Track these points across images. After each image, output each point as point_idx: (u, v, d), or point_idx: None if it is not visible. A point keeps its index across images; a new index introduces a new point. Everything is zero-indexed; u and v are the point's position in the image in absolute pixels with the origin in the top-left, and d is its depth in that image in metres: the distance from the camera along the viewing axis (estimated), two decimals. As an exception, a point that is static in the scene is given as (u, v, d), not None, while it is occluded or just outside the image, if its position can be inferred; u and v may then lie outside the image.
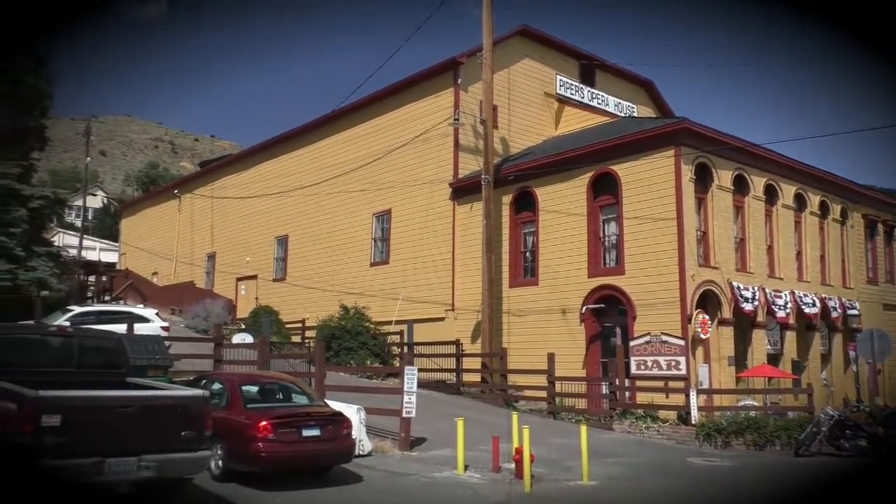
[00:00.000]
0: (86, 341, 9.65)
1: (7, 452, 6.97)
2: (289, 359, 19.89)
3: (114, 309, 23.32)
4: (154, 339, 15.61)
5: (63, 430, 6.90)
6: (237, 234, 36.22)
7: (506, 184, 23.75)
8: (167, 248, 42.18)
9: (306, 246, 31.51)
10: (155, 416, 7.71)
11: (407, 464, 12.31)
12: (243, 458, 9.79)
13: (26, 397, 6.81)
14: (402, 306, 25.63)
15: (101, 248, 58.21)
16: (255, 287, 34.07)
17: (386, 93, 28.22)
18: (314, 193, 30.91)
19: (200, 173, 43.55)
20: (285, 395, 11.47)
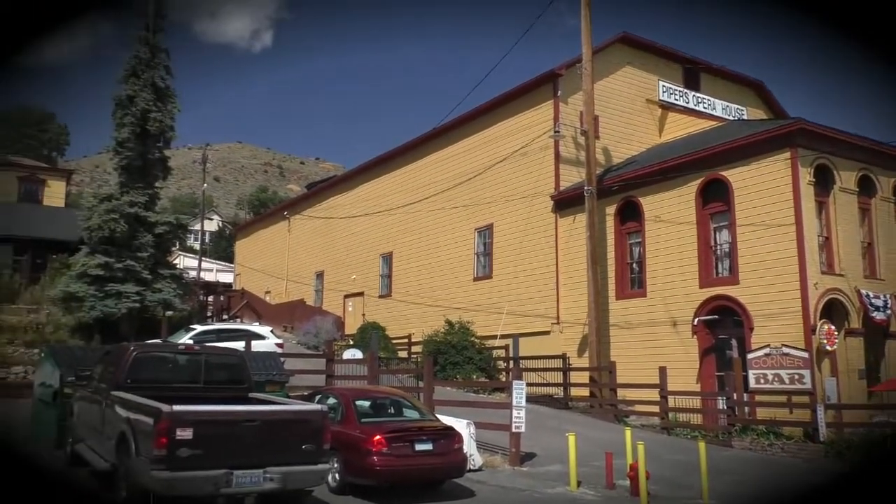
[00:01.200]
0: (212, 358, 10.20)
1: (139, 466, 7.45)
2: (397, 374, 20.23)
3: (232, 327, 24.43)
4: (270, 355, 16.24)
5: (195, 442, 7.30)
6: (344, 253, 37.30)
7: (609, 194, 23.31)
8: (278, 267, 43.98)
9: (410, 262, 32.05)
10: (278, 430, 8.02)
11: (518, 479, 12.20)
12: (359, 471, 10.00)
13: (162, 412, 7.25)
14: (507, 320, 25.56)
15: (217, 269, 61.49)
16: (361, 303, 34.92)
17: (484, 109, 28.41)
18: (417, 211, 31.43)
19: (308, 195, 45.21)
20: (397, 409, 11.64)
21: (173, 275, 26.89)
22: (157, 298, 25.26)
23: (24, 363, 21.68)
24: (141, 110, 25.60)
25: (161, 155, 27.07)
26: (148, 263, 25.53)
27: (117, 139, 25.97)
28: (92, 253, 24.78)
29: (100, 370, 10.28)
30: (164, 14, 27.26)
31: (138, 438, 7.60)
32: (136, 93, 25.79)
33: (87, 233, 25.15)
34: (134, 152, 25.92)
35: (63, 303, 25.03)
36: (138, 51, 26.39)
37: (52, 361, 12.95)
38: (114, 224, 24.57)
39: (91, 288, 24.19)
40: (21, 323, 24.58)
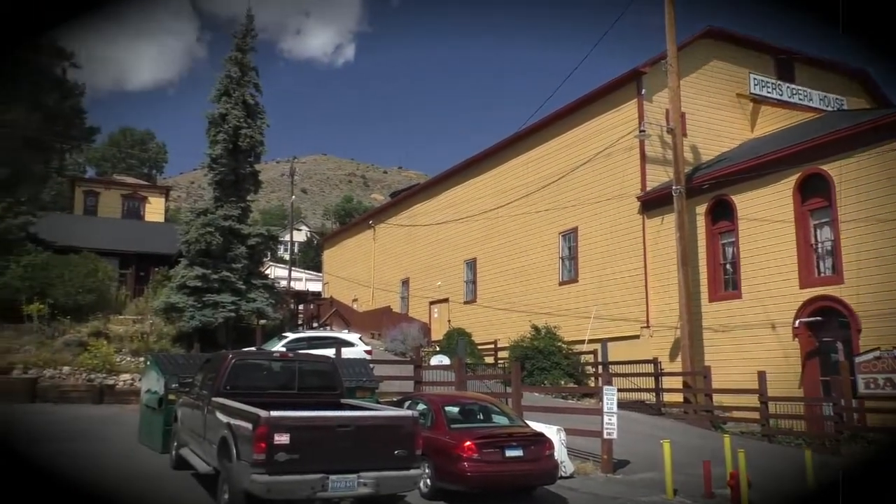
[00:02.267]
0: (305, 365, 10.47)
1: (240, 470, 7.70)
2: (484, 379, 20.20)
3: (322, 335, 25.05)
4: (360, 362, 16.55)
5: (292, 447, 7.49)
6: (428, 260, 37.63)
7: (699, 193, 22.56)
8: (364, 275, 44.81)
9: (494, 268, 31.98)
10: (371, 435, 8.13)
11: (611, 486, 11.93)
12: (449, 476, 10.01)
13: (260, 417, 7.47)
14: (594, 325, 25.11)
15: (306, 278, 63.27)
16: (447, 310, 35.11)
17: (566, 111, 28.09)
18: (500, 216, 31.38)
19: (391, 203, 45.92)
20: (486, 415, 11.60)
21: (266, 284, 27.82)
22: (251, 308, 26.19)
23: (131, 371, 22.88)
24: (233, 127, 26.68)
25: (252, 169, 28.11)
26: (242, 274, 26.52)
27: (211, 155, 27.15)
28: (190, 265, 25.96)
29: (201, 377, 10.72)
30: (254, 34, 28.33)
31: (239, 443, 7.87)
32: (228, 110, 26.89)
33: (185, 246, 26.39)
34: (227, 168, 27.02)
35: (165, 313, 26.33)
36: (229, 70, 27.52)
37: (156, 369, 13.62)
38: (210, 237, 25.67)
39: (190, 299, 25.34)
40: (127, 332, 25.99)
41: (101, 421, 17.42)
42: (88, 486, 9.94)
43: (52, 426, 16.04)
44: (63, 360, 22.59)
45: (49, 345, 23.52)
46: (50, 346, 23.35)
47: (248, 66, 27.87)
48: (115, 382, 22.37)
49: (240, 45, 27.86)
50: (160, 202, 49.92)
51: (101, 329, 25.47)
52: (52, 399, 20.96)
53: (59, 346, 23.41)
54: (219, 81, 27.56)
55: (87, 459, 11.82)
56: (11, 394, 20.46)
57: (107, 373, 22.45)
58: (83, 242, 30.26)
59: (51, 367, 22.25)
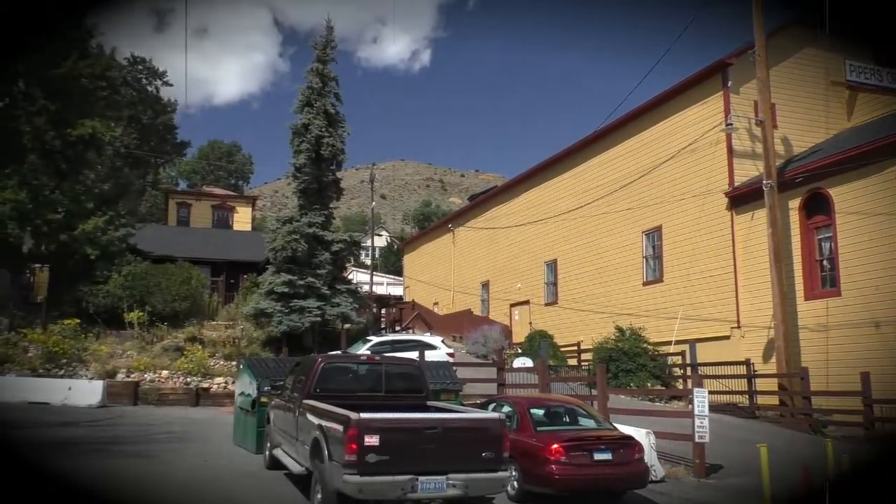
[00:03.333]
0: (391, 368, 10.62)
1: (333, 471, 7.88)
2: (568, 382, 19.96)
3: (405, 338, 25.32)
4: (444, 364, 16.64)
5: (382, 448, 7.60)
6: (508, 262, 37.51)
7: (792, 187, 21.58)
8: (444, 278, 45.08)
9: (575, 269, 31.57)
10: (458, 437, 8.15)
11: (705, 492, 11.55)
12: (537, 479, 9.93)
13: (351, 419, 7.62)
14: (681, 325, 24.40)
15: (388, 282, 64.21)
16: (528, 312, 34.89)
17: (647, 107, 27.45)
18: (580, 216, 30.95)
19: (470, 207, 46.03)
20: (572, 417, 11.45)
21: (349, 289, 28.43)
22: (335, 312, 26.80)
23: (224, 374, 23.83)
24: (315, 136, 27.41)
25: (334, 177, 28.81)
26: (326, 280, 27.19)
27: (295, 165, 27.98)
28: (277, 272, 26.81)
29: (291, 380, 11.03)
30: (333, 45, 29.03)
31: (330, 444, 8.05)
32: (311, 120, 27.64)
33: (272, 253, 27.29)
34: (310, 176, 27.78)
35: (254, 318, 27.29)
36: (311, 81, 28.30)
37: (249, 373, 14.11)
38: (295, 244, 26.45)
39: (278, 304, 26.16)
40: (220, 338, 27.08)
41: (198, 423, 18.20)
42: (198, 483, 10.41)
43: (153, 427, 16.88)
44: (162, 365, 23.77)
45: (149, 350, 24.78)
46: (149, 352, 24.60)
47: (328, 76, 28.58)
48: (209, 385, 23.37)
49: (320, 56, 28.59)
50: (247, 212, 51.77)
51: (196, 334, 26.64)
52: (152, 401, 22.08)
53: (157, 352, 24.63)
54: (301, 93, 28.38)
55: (190, 459, 12.38)
56: (117, 396, 21.69)
57: (202, 376, 23.49)
58: (178, 252, 31.72)
59: (150, 371, 23.44)
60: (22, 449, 12.63)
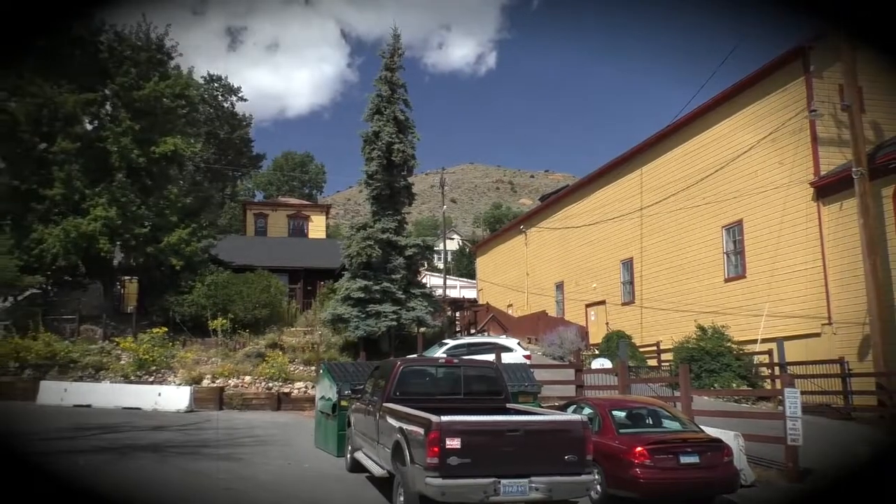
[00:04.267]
0: (469, 371, 10.60)
1: (415, 474, 7.88)
2: (649, 383, 19.47)
3: (481, 340, 25.27)
4: (521, 367, 16.52)
5: (463, 451, 7.57)
6: (582, 262, 36.98)
7: (885, 174, 20.39)
8: (518, 280, 44.82)
9: (652, 267, 30.82)
10: (540, 439, 8.04)
11: (797, 497, 11.02)
12: (621, 483, 9.70)
13: (432, 422, 7.62)
14: (766, 323, 23.44)
15: (461, 286, 64.35)
16: (604, 312, 34.28)
17: (722, 98, 26.51)
18: (655, 213, 30.20)
19: (541, 207, 45.64)
20: (655, 419, 11.15)
21: (424, 293, 28.63)
22: (411, 316, 27.03)
23: (304, 379, 24.38)
24: (385, 143, 27.75)
25: (406, 182, 29.09)
26: (401, 284, 27.46)
27: (367, 172, 28.39)
28: (353, 278, 27.25)
29: (371, 384, 11.15)
30: (400, 52, 29.33)
31: (412, 447, 8.07)
32: (381, 128, 28.00)
33: (347, 260, 27.76)
34: (382, 183, 28.14)
35: (332, 324, 27.81)
36: (380, 89, 28.68)
37: (329, 377, 14.36)
38: (370, 250, 26.83)
39: (354, 310, 26.57)
40: (299, 343, 27.73)
41: (280, 426, 18.66)
42: (284, 486, 10.66)
43: (238, 431, 17.40)
44: (244, 370, 24.51)
45: (232, 356, 25.62)
46: (233, 358, 25.43)
47: (396, 83, 28.88)
48: (290, 390, 23.95)
49: (388, 64, 28.93)
50: (322, 220, 52.90)
51: (277, 341, 27.37)
52: (236, 406, 22.81)
53: (240, 358, 25.43)
54: (370, 101, 28.79)
55: (274, 462, 12.70)
56: (204, 401, 22.50)
57: (283, 381, 24.10)
58: (257, 261, 32.67)
59: (234, 376, 24.22)
60: (121, 451, 13.22)
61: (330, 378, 14.23)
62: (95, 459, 12.30)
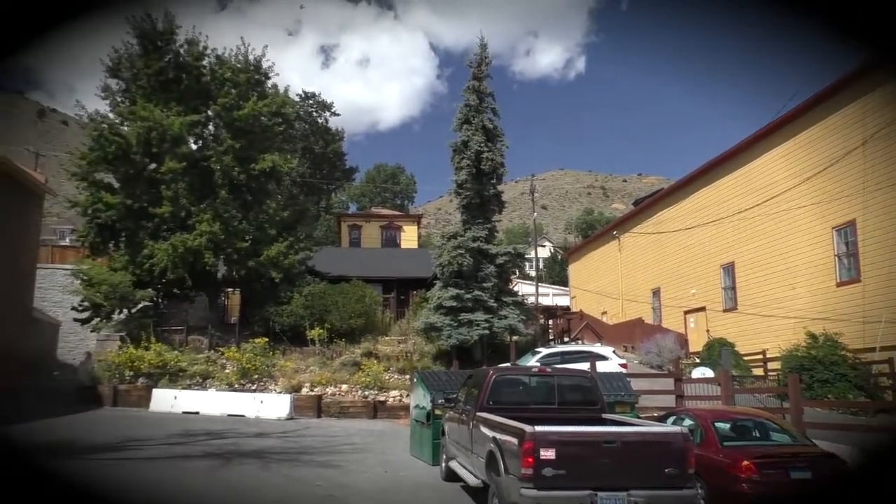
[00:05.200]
0: (563, 380, 10.41)
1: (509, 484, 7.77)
2: (755, 393, 18.54)
3: (575, 349, 24.85)
4: (617, 375, 16.08)
5: (558, 462, 7.42)
6: (679, 267, 35.77)
7: None
8: (612, 287, 43.83)
9: (755, 271, 29.42)
10: (638, 451, 7.79)
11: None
12: (725, 498, 9.26)
13: (526, 432, 7.51)
14: (885, 329, 21.88)
15: (553, 293, 63.53)
16: (704, 319, 33.00)
17: (828, 92, 25.05)
18: (757, 215, 28.83)
19: (635, 212, 44.51)
20: (762, 432, 10.60)
21: (515, 301, 28.49)
22: (503, 325, 26.93)
23: (399, 387, 24.70)
24: (474, 152, 27.86)
25: (495, 191, 29.11)
26: (492, 292, 27.42)
27: (457, 181, 28.58)
28: (445, 286, 27.44)
29: (464, 393, 11.14)
30: (488, 61, 29.42)
31: (506, 457, 7.99)
32: (470, 137, 28.15)
33: (439, 269, 28.00)
34: (472, 191, 28.25)
35: (425, 333, 28.07)
36: (468, 99, 28.85)
37: (423, 386, 14.45)
38: (461, 259, 26.95)
39: (447, 318, 26.73)
40: (393, 352, 28.14)
41: (376, 434, 18.96)
42: (384, 493, 10.81)
43: (336, 438, 17.79)
44: (341, 379, 25.10)
45: (329, 365, 26.27)
46: (330, 367, 26.08)
47: (484, 92, 28.99)
48: (386, 399, 24.31)
49: (475, 74, 29.08)
50: (413, 230, 53.59)
51: (372, 350, 27.88)
52: (334, 414, 23.36)
53: (337, 366, 26.04)
54: (459, 111, 29.00)
55: (371, 469, 12.89)
56: (303, 409, 23.16)
57: (378, 389, 24.51)
58: (351, 272, 33.43)
59: (331, 385, 24.84)
60: (226, 457, 13.78)
61: (423, 387, 14.32)
62: (203, 465, 12.85)
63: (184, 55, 29.20)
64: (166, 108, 28.04)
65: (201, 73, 29.46)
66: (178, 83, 28.99)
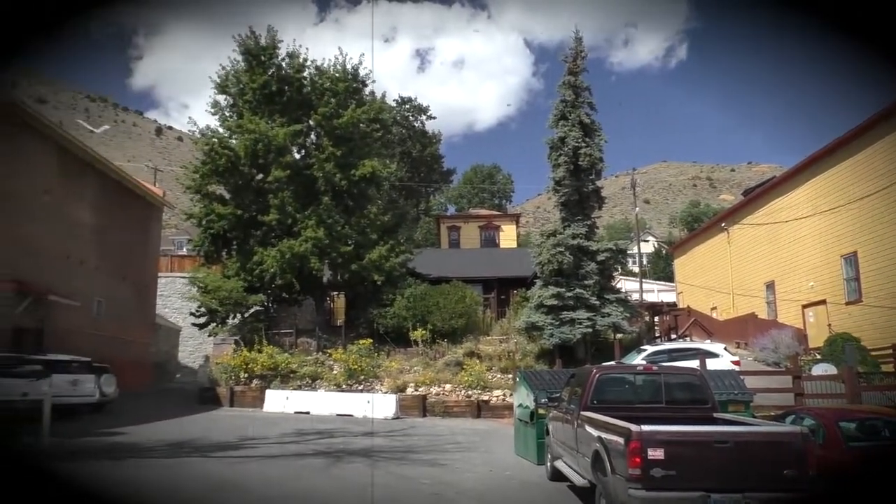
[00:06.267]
0: (670, 378, 10.08)
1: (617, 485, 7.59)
2: (885, 391, 17.28)
3: (683, 346, 24.03)
4: (729, 373, 15.42)
5: (667, 463, 7.18)
6: (794, 258, 33.83)
7: None
8: (721, 281, 42.03)
9: (881, 261, 27.39)
10: (753, 452, 7.43)
11: None
12: (853, 503, 8.66)
13: (632, 431, 7.31)
14: None
15: (658, 289, 61.73)
16: (824, 313, 31.06)
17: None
18: (883, 200, 26.86)
19: (745, 202, 42.47)
20: (893, 432, 9.85)
21: (619, 298, 27.86)
22: (606, 322, 26.39)
23: (502, 387, 24.67)
24: (572, 149, 27.46)
25: (594, 186, 28.57)
26: (594, 290, 26.93)
27: (554, 178, 28.27)
28: (545, 285, 27.18)
29: (567, 392, 10.99)
30: (583, 55, 28.96)
31: (612, 457, 7.81)
32: (566, 133, 27.77)
33: (538, 267, 27.77)
34: (570, 188, 27.86)
35: (526, 332, 27.91)
36: (564, 94, 28.48)
37: (525, 385, 14.38)
38: (560, 257, 26.62)
39: (548, 317, 26.46)
40: (495, 352, 28.13)
41: (480, 433, 19.02)
42: (492, 492, 10.86)
43: (441, 438, 17.98)
44: (444, 379, 25.35)
45: (432, 365, 26.60)
46: (433, 367, 26.39)
47: (580, 87, 28.53)
48: (489, 398, 24.35)
49: (571, 68, 28.66)
50: (512, 229, 53.44)
51: (474, 349, 28.00)
52: (438, 413, 23.62)
53: (440, 367, 26.32)
54: (555, 107, 28.69)
55: (477, 468, 12.94)
56: (408, 409, 23.56)
57: (481, 389, 24.58)
58: (451, 272, 33.69)
59: (435, 384, 25.12)
60: (336, 455, 14.21)
61: (526, 386, 14.25)
62: (316, 462, 13.32)
63: (286, 68, 30.41)
64: (270, 120, 29.29)
65: (302, 84, 30.57)
66: (280, 95, 30.22)
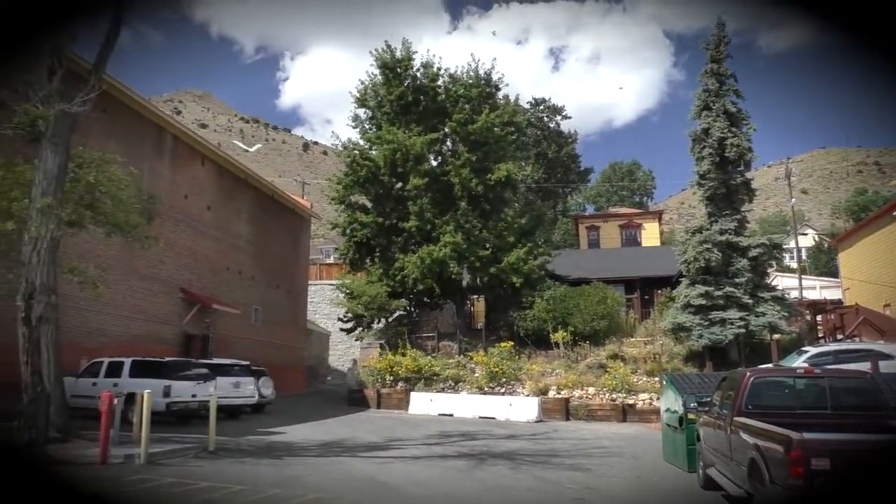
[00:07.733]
0: (836, 382, 9.27)
1: (777, 495, 7.04)
2: None
3: (851, 347, 22.00)
4: (907, 377, 13.94)
5: (834, 474, 6.59)
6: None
7: None
8: (894, 275, 38.24)
9: None
10: (937, 466, 6.65)
11: None
12: None
13: (793, 439, 6.78)
14: None
15: (820, 286, 57.11)
16: None
17: None
18: None
19: (919, 188, 38.45)
20: None
21: (775, 296, 26.11)
22: (761, 322, 24.81)
23: (648, 390, 23.82)
24: (717, 140, 26.10)
25: (743, 178, 27.00)
26: (746, 288, 25.39)
27: (698, 172, 26.96)
28: (691, 284, 25.96)
29: (719, 396, 10.39)
30: (727, 41, 27.50)
31: (770, 466, 7.28)
32: (710, 124, 26.43)
33: (684, 266, 26.56)
34: (716, 181, 26.46)
35: (672, 333, 26.80)
36: (706, 84, 27.16)
37: (673, 388, 13.78)
38: (707, 254, 25.33)
39: (696, 318, 25.25)
40: (640, 354, 27.22)
41: (626, 438, 18.48)
42: (637, 499, 10.53)
43: (585, 442, 17.62)
44: (587, 381, 24.86)
45: (574, 368, 26.18)
46: (575, 369, 25.97)
47: (724, 74, 27.11)
48: (634, 402, 23.61)
49: (713, 56, 27.30)
50: (654, 227, 51.55)
51: (617, 352, 27.28)
52: (582, 417, 23.22)
53: (582, 369, 25.85)
54: (697, 97, 27.44)
55: (624, 474, 12.58)
56: (550, 412, 23.32)
57: (626, 392, 23.89)
58: (591, 273, 33.01)
59: (577, 387, 24.70)
60: (479, 457, 14.31)
61: (674, 390, 13.65)
62: (460, 464, 13.46)
63: (420, 78, 31.16)
64: (408, 130, 30.11)
65: (437, 92, 31.19)
66: (416, 105, 31.01)
